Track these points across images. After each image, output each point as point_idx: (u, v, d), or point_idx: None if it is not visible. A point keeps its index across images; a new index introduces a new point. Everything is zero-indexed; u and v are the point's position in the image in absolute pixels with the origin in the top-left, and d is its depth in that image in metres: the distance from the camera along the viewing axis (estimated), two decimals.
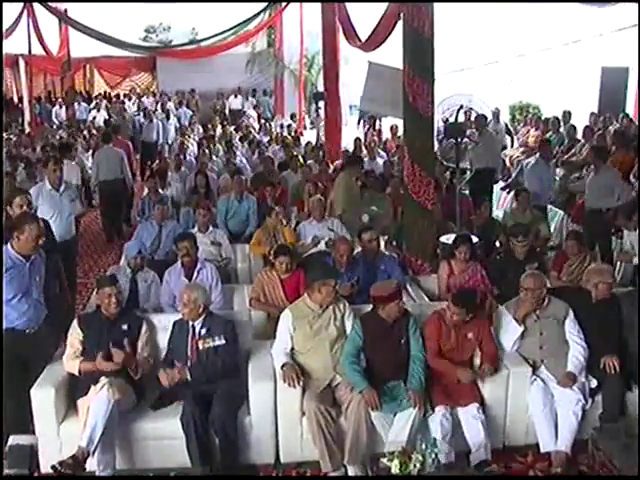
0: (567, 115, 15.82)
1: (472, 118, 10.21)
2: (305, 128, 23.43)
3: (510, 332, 6.28)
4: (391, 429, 5.72)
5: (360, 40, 14.48)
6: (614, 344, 6.21)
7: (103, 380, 5.67)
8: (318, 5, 17.06)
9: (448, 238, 8.35)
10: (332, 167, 13.56)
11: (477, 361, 6.18)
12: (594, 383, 6.09)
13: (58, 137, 18.61)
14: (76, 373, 5.92)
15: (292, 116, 23.69)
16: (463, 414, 5.84)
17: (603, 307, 6.38)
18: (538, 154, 11.55)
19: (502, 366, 6.10)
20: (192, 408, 5.66)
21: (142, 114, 21.15)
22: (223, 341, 6.07)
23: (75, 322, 6.16)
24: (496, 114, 17.24)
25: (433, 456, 4.71)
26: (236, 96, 25.83)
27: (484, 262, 7.88)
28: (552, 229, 10.74)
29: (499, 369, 6.07)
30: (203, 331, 6.11)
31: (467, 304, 6.04)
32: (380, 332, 6.01)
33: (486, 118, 13.03)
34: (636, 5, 11.98)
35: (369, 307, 6.27)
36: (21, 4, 20.63)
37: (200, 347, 6.06)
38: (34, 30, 21.65)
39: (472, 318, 6.09)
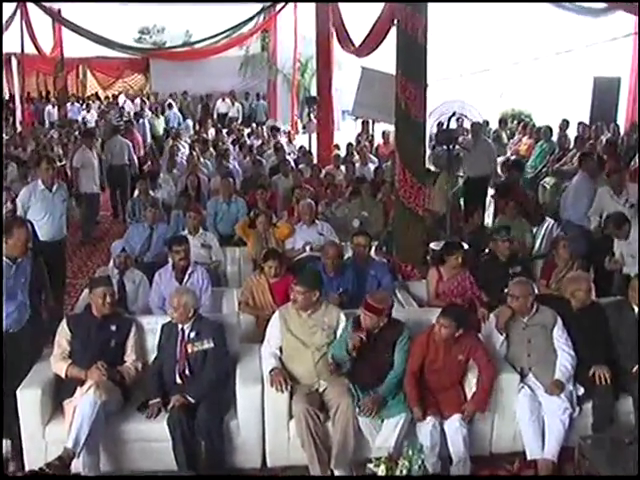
0: (565, 123, 15.84)
1: (464, 125, 10.18)
2: (297, 132, 23.41)
3: (494, 339, 6.31)
4: (379, 434, 5.74)
5: (354, 45, 14.49)
6: (601, 353, 6.23)
7: (90, 381, 5.66)
8: (312, 10, 17.07)
9: (438, 244, 8.36)
10: (324, 172, 13.56)
11: (472, 380, 6.05)
12: (581, 391, 6.11)
13: (49, 137, 18.53)
14: (63, 376, 5.91)
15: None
16: (447, 425, 5.83)
17: (586, 315, 6.40)
18: (580, 171, 10.32)
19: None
20: (179, 411, 5.66)
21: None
22: (212, 344, 6.04)
23: (64, 322, 6.16)
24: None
25: (420, 462, 4.70)
26: (224, 99, 25.70)
27: (472, 269, 7.89)
28: (540, 237, 10.68)
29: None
30: (192, 335, 6.08)
31: (457, 317, 5.90)
32: (366, 338, 5.94)
33: (481, 125, 13.09)
34: (628, 16, 12.02)
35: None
36: (14, 3, 20.54)
37: (189, 351, 6.03)
38: (27, 29, 21.60)
39: (461, 337, 5.94)
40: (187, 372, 6.03)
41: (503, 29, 19.70)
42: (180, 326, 6.10)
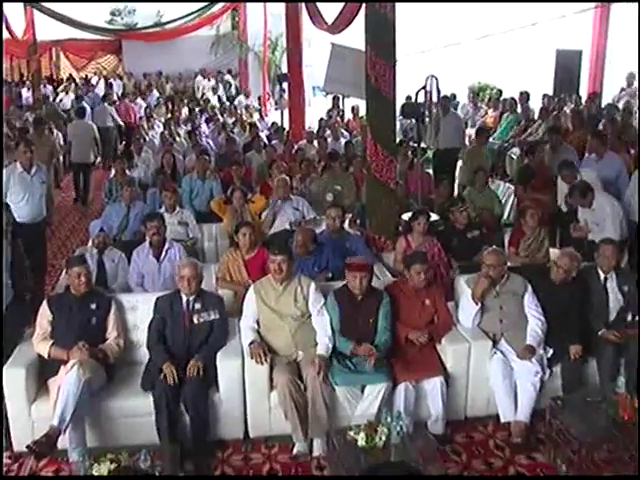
0: (524, 96, 16.11)
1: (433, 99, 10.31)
2: (267, 109, 23.47)
3: (468, 308, 6.44)
4: (360, 403, 5.86)
5: (326, 22, 14.53)
6: (574, 321, 6.42)
7: (73, 360, 5.72)
8: None
9: (409, 216, 8.53)
10: (296, 147, 13.67)
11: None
12: (550, 352, 6.30)
13: (25, 119, 18.47)
14: (45, 356, 5.97)
15: (258, 98, 23.73)
16: (428, 386, 6.02)
17: (563, 285, 6.56)
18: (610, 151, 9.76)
19: (463, 340, 6.27)
20: (165, 383, 5.75)
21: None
22: (218, 316, 6.20)
23: (44, 303, 6.20)
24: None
25: (398, 428, 4.85)
26: (209, 80, 25.61)
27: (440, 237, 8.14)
28: (508, 206, 10.90)
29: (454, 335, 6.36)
30: (197, 305, 6.17)
31: (426, 260, 6.46)
32: (350, 307, 6.16)
33: (449, 99, 13.28)
34: None
35: (339, 284, 6.45)
36: None
37: (195, 321, 6.14)
38: None
39: (428, 285, 6.39)
40: (191, 343, 6.12)
41: (472, 3, 19.72)
42: (185, 298, 6.19)
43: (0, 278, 6.12)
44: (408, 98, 13.27)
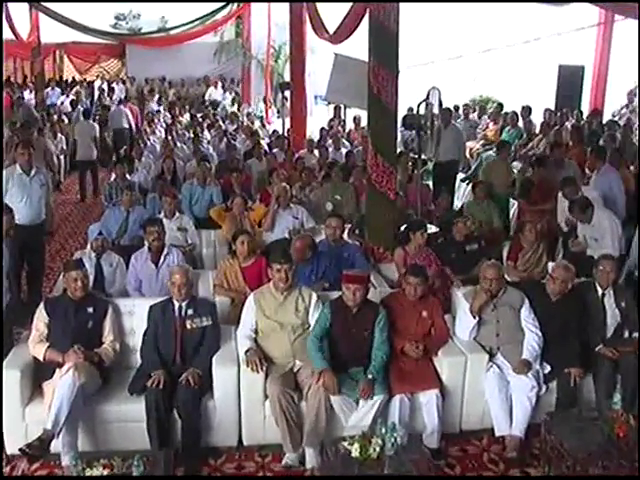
0: (526, 110, 16.15)
1: (435, 111, 10.33)
2: (269, 117, 23.51)
3: (465, 321, 6.43)
4: (354, 413, 5.83)
5: (328, 32, 14.55)
6: (572, 337, 6.41)
7: (68, 363, 5.72)
8: None
9: (405, 227, 8.54)
10: (296, 156, 13.68)
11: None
12: (547, 369, 6.27)
13: (25, 120, 18.49)
14: (41, 359, 5.95)
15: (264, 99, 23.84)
16: (423, 398, 6.00)
17: (562, 299, 6.55)
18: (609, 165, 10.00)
19: (459, 353, 6.26)
20: (158, 388, 5.74)
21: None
22: (210, 322, 6.19)
23: (41, 305, 6.20)
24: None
25: (392, 440, 4.83)
26: (216, 86, 25.68)
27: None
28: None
29: (448, 345, 6.37)
30: (190, 311, 6.18)
31: (424, 273, 6.41)
32: (344, 319, 6.12)
33: (450, 111, 13.32)
34: (592, 7, 12.20)
35: (335, 294, 6.42)
36: None
37: (188, 327, 6.14)
38: (4, 15, 21.43)
39: (425, 296, 6.37)
40: (184, 349, 6.12)
41: (475, 17, 19.81)
42: (177, 304, 6.20)
43: (0, 280, 6.10)
44: (410, 110, 13.29)
